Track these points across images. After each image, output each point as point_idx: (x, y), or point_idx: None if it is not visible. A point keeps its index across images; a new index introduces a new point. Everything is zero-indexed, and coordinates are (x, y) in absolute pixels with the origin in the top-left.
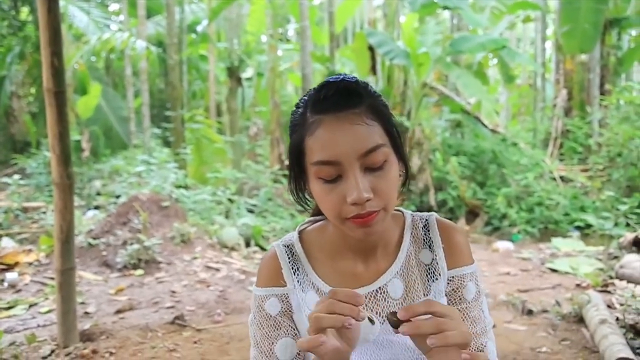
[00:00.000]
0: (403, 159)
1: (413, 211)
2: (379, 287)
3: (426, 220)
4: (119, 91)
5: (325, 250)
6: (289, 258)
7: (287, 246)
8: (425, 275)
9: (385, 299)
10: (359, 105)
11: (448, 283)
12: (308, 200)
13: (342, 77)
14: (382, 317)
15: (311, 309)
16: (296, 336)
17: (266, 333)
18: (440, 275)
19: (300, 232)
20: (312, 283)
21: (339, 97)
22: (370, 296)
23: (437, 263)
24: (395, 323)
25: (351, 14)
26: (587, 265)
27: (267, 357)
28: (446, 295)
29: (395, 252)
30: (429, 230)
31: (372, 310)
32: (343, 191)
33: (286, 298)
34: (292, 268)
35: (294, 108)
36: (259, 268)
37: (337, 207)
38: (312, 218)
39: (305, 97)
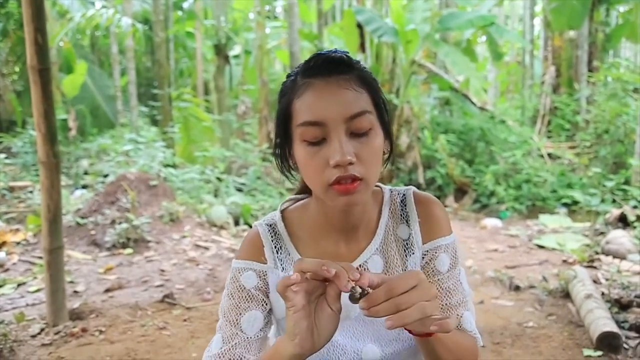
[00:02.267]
0: (389, 135)
1: None
2: (360, 265)
3: (403, 194)
4: (105, 69)
5: (307, 229)
6: (271, 237)
7: (270, 225)
8: (403, 251)
9: None
10: (349, 73)
11: (423, 257)
12: (291, 168)
13: (333, 50)
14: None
15: (293, 289)
16: (265, 311)
17: (236, 303)
18: (416, 249)
19: (282, 211)
20: (294, 262)
21: (329, 63)
22: None
23: (413, 237)
24: (357, 302)
25: None
26: (573, 241)
27: (232, 326)
28: (422, 269)
29: (375, 228)
30: (405, 205)
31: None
32: (326, 154)
33: (264, 275)
34: (275, 247)
35: (285, 78)
36: (241, 244)
37: (319, 172)
38: (294, 196)
39: (297, 68)
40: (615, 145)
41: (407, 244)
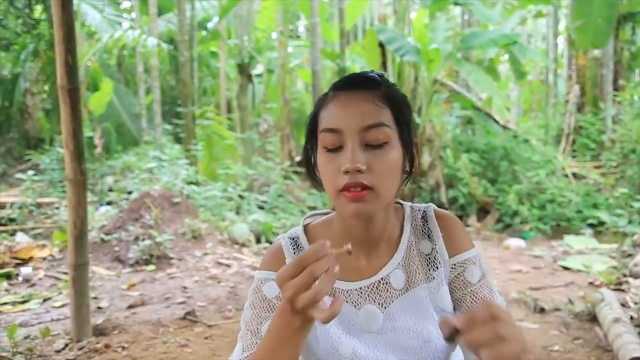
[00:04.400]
0: (409, 153)
1: None
2: (381, 278)
3: (424, 211)
4: (130, 88)
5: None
6: (293, 250)
7: (292, 239)
8: (425, 265)
9: (387, 289)
10: (375, 89)
11: (451, 270)
12: (317, 176)
13: (370, 71)
14: (384, 306)
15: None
16: None
17: (257, 313)
18: (440, 264)
19: (305, 226)
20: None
21: (357, 79)
22: (373, 287)
23: (437, 252)
24: (453, 336)
25: (361, 10)
26: (600, 263)
27: (252, 335)
28: (450, 283)
29: (396, 243)
30: (427, 221)
31: (374, 301)
32: (340, 161)
33: None
34: None
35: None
36: (264, 256)
37: (333, 178)
38: (315, 212)
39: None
40: None
41: (429, 258)
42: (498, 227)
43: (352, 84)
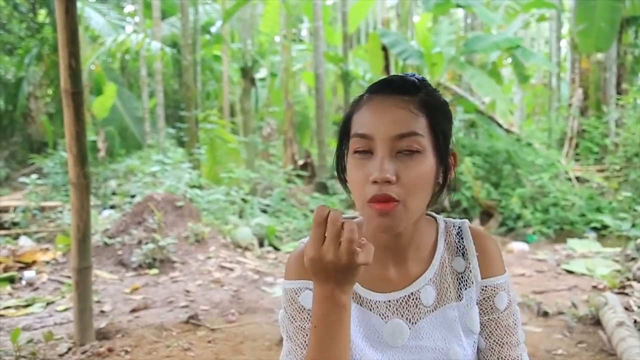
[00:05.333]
0: (444, 163)
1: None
2: (411, 293)
3: (459, 227)
4: (134, 92)
5: None
6: None
7: None
8: (457, 283)
9: (416, 305)
10: (412, 95)
11: (481, 292)
12: (346, 180)
13: (411, 74)
14: (412, 322)
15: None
16: None
17: (300, 326)
18: (473, 283)
19: None
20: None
21: (394, 83)
22: (402, 301)
23: (470, 271)
24: None
25: (364, 14)
26: (603, 266)
27: (303, 348)
28: (478, 304)
29: (429, 258)
30: (462, 238)
31: (402, 316)
32: (370, 170)
33: None
34: None
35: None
36: (288, 263)
37: (361, 186)
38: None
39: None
40: None
41: (462, 277)
42: (501, 231)
43: (388, 88)
